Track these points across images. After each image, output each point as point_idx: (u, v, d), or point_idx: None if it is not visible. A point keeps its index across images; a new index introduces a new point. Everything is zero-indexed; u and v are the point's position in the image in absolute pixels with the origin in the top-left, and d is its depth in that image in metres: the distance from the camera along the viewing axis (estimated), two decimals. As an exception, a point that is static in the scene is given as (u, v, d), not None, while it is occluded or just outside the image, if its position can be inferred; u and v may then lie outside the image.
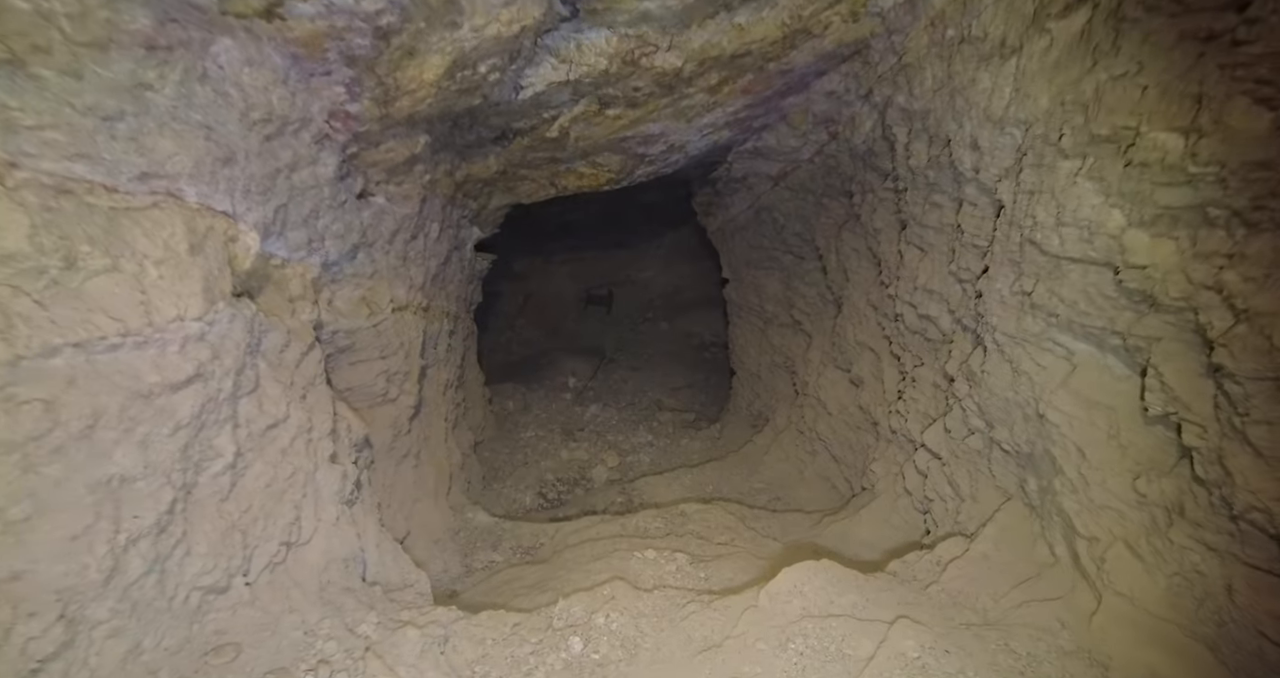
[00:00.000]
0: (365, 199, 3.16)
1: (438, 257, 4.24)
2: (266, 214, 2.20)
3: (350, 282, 3.16)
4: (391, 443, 3.64)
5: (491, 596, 3.20)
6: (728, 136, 4.38)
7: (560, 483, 5.59)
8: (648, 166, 4.59)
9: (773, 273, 5.83)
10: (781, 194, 5.17)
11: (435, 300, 4.42)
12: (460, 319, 5.30)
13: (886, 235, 3.75)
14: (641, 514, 4.04)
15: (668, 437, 6.49)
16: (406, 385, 3.76)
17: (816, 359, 4.92)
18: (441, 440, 4.50)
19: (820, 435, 4.73)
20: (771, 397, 5.85)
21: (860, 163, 3.99)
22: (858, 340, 4.24)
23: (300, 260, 2.59)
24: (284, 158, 2.24)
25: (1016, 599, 2.14)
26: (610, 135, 4.01)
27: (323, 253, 2.74)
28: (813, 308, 5.21)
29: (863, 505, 3.72)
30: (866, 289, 4.15)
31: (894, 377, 3.76)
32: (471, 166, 4.27)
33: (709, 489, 5.00)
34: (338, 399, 2.93)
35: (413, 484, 3.83)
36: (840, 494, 4.48)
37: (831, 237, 4.64)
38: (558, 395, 7.60)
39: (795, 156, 4.66)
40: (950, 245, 2.95)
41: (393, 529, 3.43)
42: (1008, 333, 2.48)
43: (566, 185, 4.82)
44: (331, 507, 2.51)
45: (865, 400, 4.14)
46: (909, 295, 3.39)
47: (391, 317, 3.51)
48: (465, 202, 4.66)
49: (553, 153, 4.26)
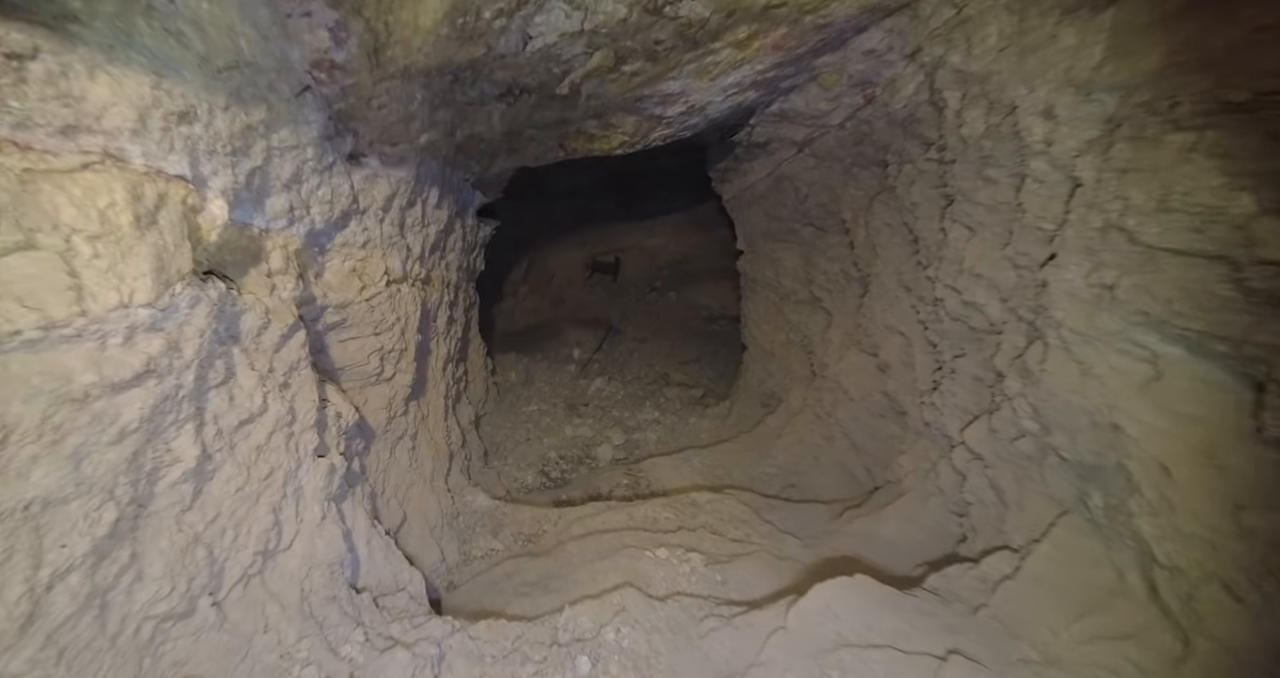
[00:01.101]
0: (356, 162, 2.84)
1: (437, 224, 3.92)
2: (237, 179, 1.89)
3: (340, 252, 2.87)
4: (387, 425, 3.39)
5: (490, 593, 2.99)
6: (753, 98, 4.01)
7: (563, 461, 5.38)
8: (664, 130, 4.24)
9: (791, 246, 5.51)
10: (806, 162, 4.82)
11: (435, 271, 4.13)
12: (461, 289, 5.01)
13: (926, 211, 3.43)
14: (650, 503, 3.82)
15: (675, 414, 6.25)
16: (403, 363, 3.50)
17: (837, 340, 4.64)
18: (440, 419, 4.26)
19: (839, 421, 4.48)
20: (785, 376, 5.59)
21: (899, 130, 3.64)
22: (886, 323, 3.95)
23: (281, 230, 2.29)
24: (258, 114, 1.93)
25: (1081, 634, 1.91)
26: (625, 94, 3.65)
27: (307, 222, 2.44)
28: (834, 285, 4.91)
29: (888, 502, 3.49)
30: (899, 268, 3.85)
31: (928, 365, 3.48)
32: (474, 127, 3.92)
33: (719, 473, 4.78)
34: (326, 383, 2.66)
35: (409, 468, 3.60)
36: (859, 484, 4.25)
37: (860, 210, 4.31)
38: (561, 368, 7.35)
39: (824, 122, 4.30)
40: (1007, 226, 2.64)
41: (387, 519, 3.21)
42: (1076, 329, 2.19)
43: (576, 148, 4.47)
44: (316, 506, 2.27)
45: (892, 388, 3.88)
46: (952, 279, 3.09)
47: (386, 290, 3.22)
48: (467, 164, 4.32)
49: (562, 113, 3.91)
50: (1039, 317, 2.38)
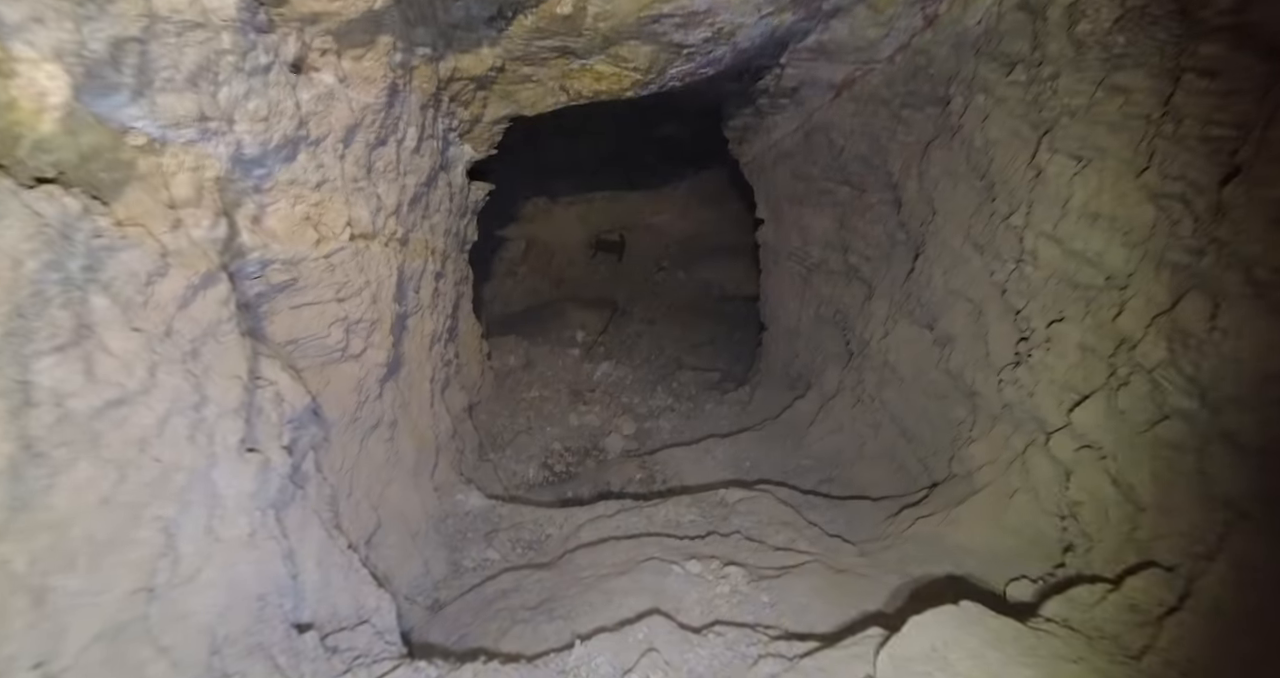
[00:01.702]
0: (305, 75, 2.24)
1: (417, 173, 3.32)
2: (91, 44, 1.29)
3: (287, 192, 2.27)
4: (355, 412, 2.80)
5: (482, 617, 2.41)
6: (790, 22, 3.39)
7: (568, 453, 4.80)
8: (684, 63, 3.62)
9: (823, 209, 4.89)
10: (844, 108, 4.20)
11: (416, 232, 3.52)
12: (451, 259, 4.40)
13: (1008, 149, 2.82)
14: (671, 503, 3.23)
15: (690, 400, 5.66)
16: (375, 337, 2.90)
17: (881, 312, 4.04)
18: (426, 405, 3.67)
19: (886, 404, 3.89)
20: (816, 356, 4.99)
21: (970, 54, 3.03)
22: (949, 289, 3.35)
23: (188, 145, 1.69)
24: (121, -49, 1.32)
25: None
26: (641, 11, 3.03)
27: (230, 140, 1.84)
28: (876, 250, 4.30)
29: (958, 500, 2.90)
30: (966, 224, 3.24)
31: (1008, 335, 2.89)
32: (460, 58, 3.31)
33: (745, 466, 4.20)
34: (267, 357, 2.08)
35: (385, 462, 3.02)
36: (911, 478, 3.66)
37: (913, 159, 3.70)
38: (564, 351, 6.75)
39: (870, 55, 3.68)
40: (1147, 143, 2.03)
41: (354, 525, 2.63)
42: (1279, 270, 1.60)
43: (580, 90, 3.85)
44: (242, 517, 1.68)
45: (957, 364, 3.28)
46: (1051, 225, 2.49)
47: (351, 246, 2.62)
48: (453, 109, 3.71)
49: (564, 40, 3.29)
50: (1211, 256, 1.79)
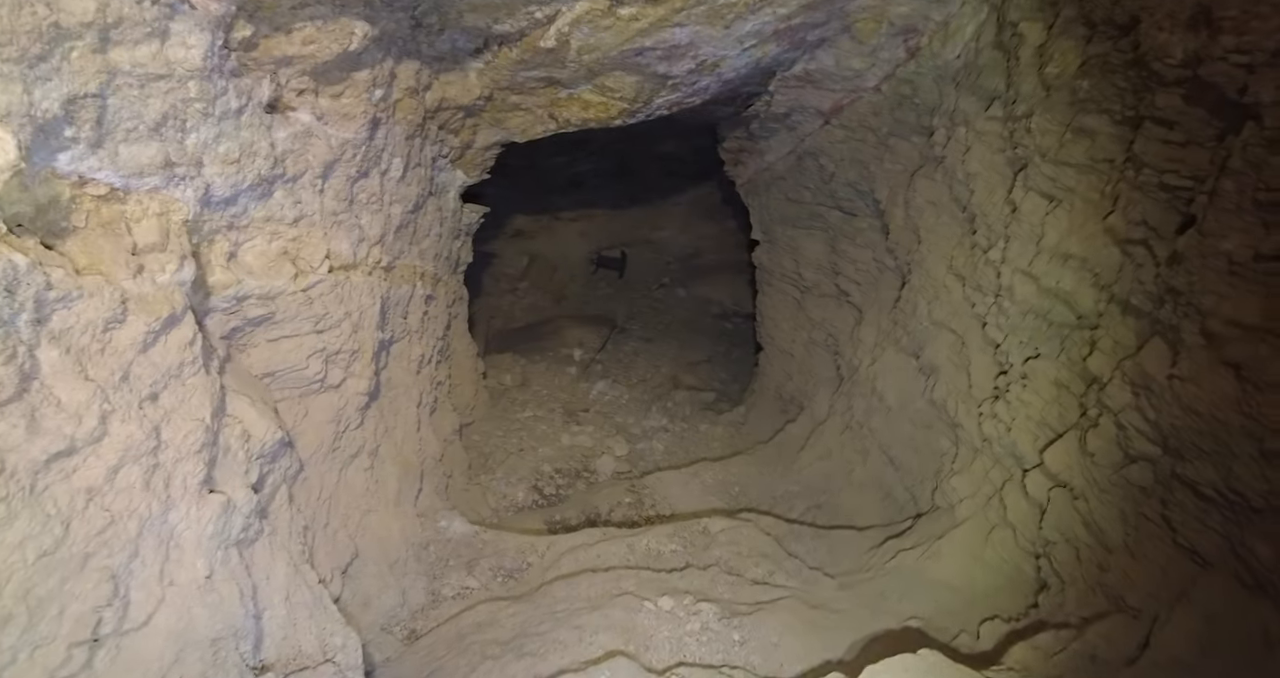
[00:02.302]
0: (280, 114, 2.27)
1: (403, 202, 3.35)
2: (39, 104, 1.32)
3: (263, 229, 2.30)
4: (334, 442, 2.82)
5: (454, 652, 2.41)
6: (774, 53, 3.41)
7: (559, 475, 4.79)
8: (670, 93, 3.64)
9: (814, 233, 4.90)
10: (833, 134, 4.21)
11: (403, 259, 3.55)
12: (442, 282, 4.43)
13: (987, 182, 2.82)
14: (654, 532, 3.22)
15: (684, 420, 5.65)
16: (355, 366, 2.92)
17: (870, 339, 4.03)
18: (412, 430, 3.68)
19: (874, 432, 3.87)
20: (808, 379, 4.98)
21: (952, 86, 3.03)
22: (933, 319, 3.34)
23: (153, 192, 1.72)
24: (79, 10, 1.35)
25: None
26: (623, 45, 3.06)
27: (198, 183, 1.87)
28: (865, 276, 4.30)
29: (940, 533, 2.88)
30: (948, 254, 3.23)
31: (988, 368, 2.87)
32: (446, 87, 3.35)
33: (734, 491, 4.18)
34: (235, 392, 2.10)
35: (364, 491, 3.03)
36: (899, 506, 3.64)
37: (899, 187, 3.70)
38: (561, 369, 6.76)
39: (856, 84, 3.69)
40: (1112, 187, 2.02)
41: (329, 556, 2.64)
42: (1238, 320, 1.59)
43: (569, 118, 3.88)
44: (199, 561, 1.70)
45: (941, 395, 3.26)
46: (1025, 262, 2.49)
47: (330, 278, 2.65)
48: (442, 136, 3.75)
49: (550, 71, 3.33)
50: (1168, 304, 1.77)
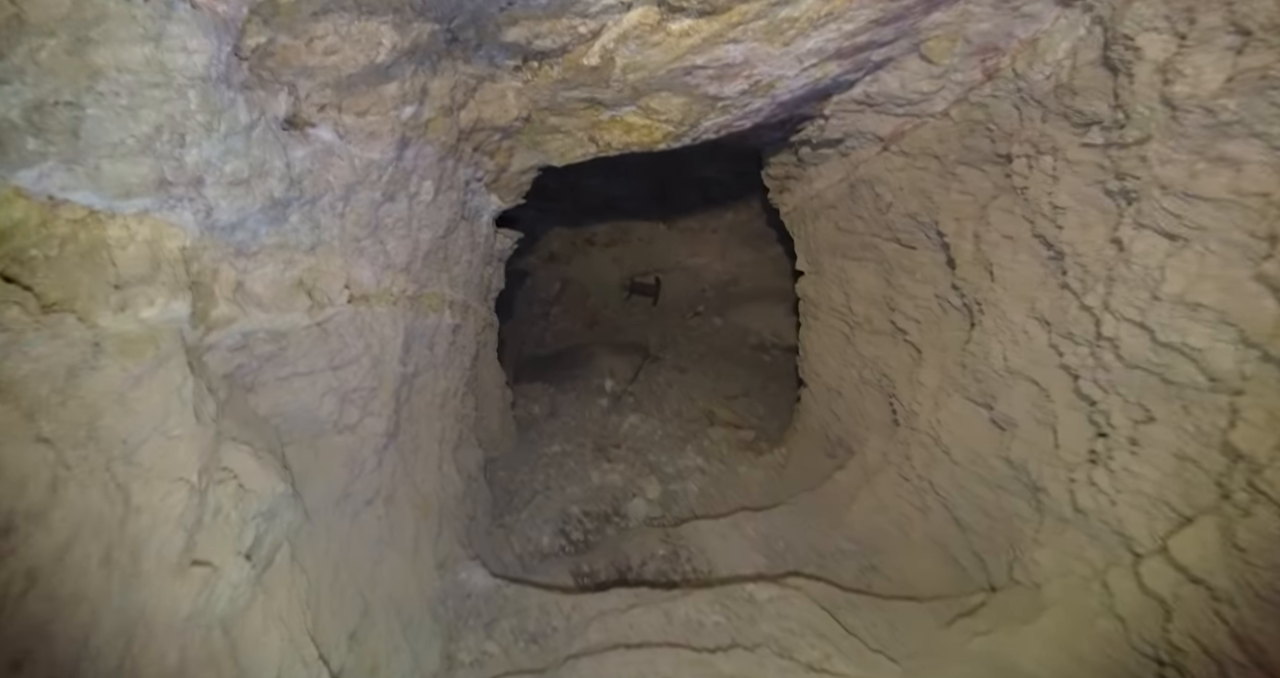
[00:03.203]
0: (299, 131, 2.07)
1: (433, 228, 3.14)
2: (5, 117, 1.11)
3: (275, 255, 2.08)
4: (347, 488, 2.57)
5: (466, 740, 2.11)
6: (834, 74, 3.14)
7: (587, 518, 4.50)
8: (719, 116, 3.39)
9: (867, 265, 4.58)
10: (891, 162, 3.92)
11: (430, 286, 3.33)
12: (471, 310, 4.22)
13: (1081, 217, 2.49)
14: (693, 598, 2.90)
15: (721, 461, 5.32)
16: (374, 405, 2.69)
17: (932, 382, 3.68)
18: (434, 469, 3.43)
19: (936, 487, 3.51)
20: (857, 422, 4.62)
21: (1038, 110, 2.73)
22: (1010, 367, 2.99)
23: (140, 214, 1.50)
24: (49, 2, 1.14)
25: None
26: (672, 63, 2.83)
27: (199, 206, 1.65)
28: (925, 313, 3.96)
29: (1024, 617, 2.51)
30: (1029, 294, 2.90)
31: (1080, 428, 2.52)
32: (483, 107, 3.15)
33: (779, 546, 3.83)
34: (233, 441, 1.86)
35: (378, 540, 2.77)
36: (964, 573, 3.26)
37: (968, 219, 3.38)
38: (592, 400, 6.50)
39: (922, 108, 3.41)
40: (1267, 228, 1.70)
41: (337, 618, 2.37)
42: None
43: (610, 142, 3.65)
44: (170, 649, 1.44)
45: (1019, 454, 2.90)
46: (1137, 310, 2.15)
47: (349, 309, 2.43)
48: (477, 159, 3.55)
49: (592, 91, 3.11)
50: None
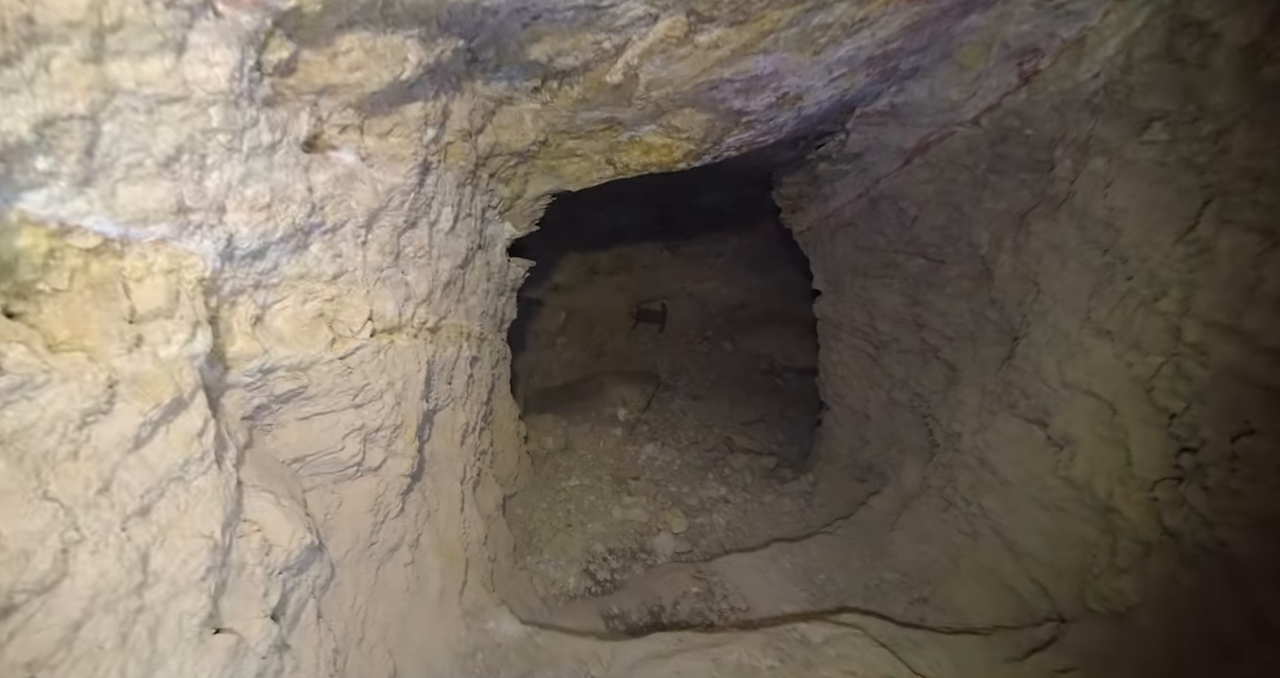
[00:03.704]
0: (320, 154, 1.93)
1: (452, 256, 3.00)
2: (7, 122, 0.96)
3: (296, 287, 1.93)
4: (371, 536, 2.38)
5: None
6: (861, 85, 3.06)
7: (613, 556, 4.28)
8: (743, 131, 3.30)
9: (890, 283, 4.46)
10: (915, 175, 3.82)
11: (450, 317, 3.18)
12: (487, 341, 4.05)
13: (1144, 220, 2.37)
14: (743, 642, 2.68)
15: (745, 490, 5.12)
16: (398, 444, 2.50)
17: (973, 402, 3.52)
18: (456, 511, 3.23)
19: (986, 512, 3.32)
20: (889, 446, 4.45)
21: (1084, 112, 2.63)
22: (1066, 381, 2.84)
23: (158, 243, 1.35)
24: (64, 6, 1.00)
25: None
26: (699, 77, 2.73)
27: (219, 234, 1.50)
28: (959, 330, 3.82)
29: (1112, 653, 2.31)
30: (1082, 305, 2.76)
31: (1160, 443, 2.36)
32: (500, 131, 3.03)
33: (820, 579, 3.63)
34: (256, 489, 1.68)
35: (405, 591, 2.57)
36: (1024, 602, 3.06)
37: (1004, 231, 3.26)
38: (606, 431, 6.29)
39: (950, 117, 3.31)
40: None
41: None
42: None
43: (629, 163, 3.55)
44: (193, 736, 1.25)
45: (1083, 473, 2.73)
46: (1228, 314, 2.01)
47: (372, 343, 2.26)
48: (493, 186, 3.43)
49: (613, 111, 3.01)
50: None
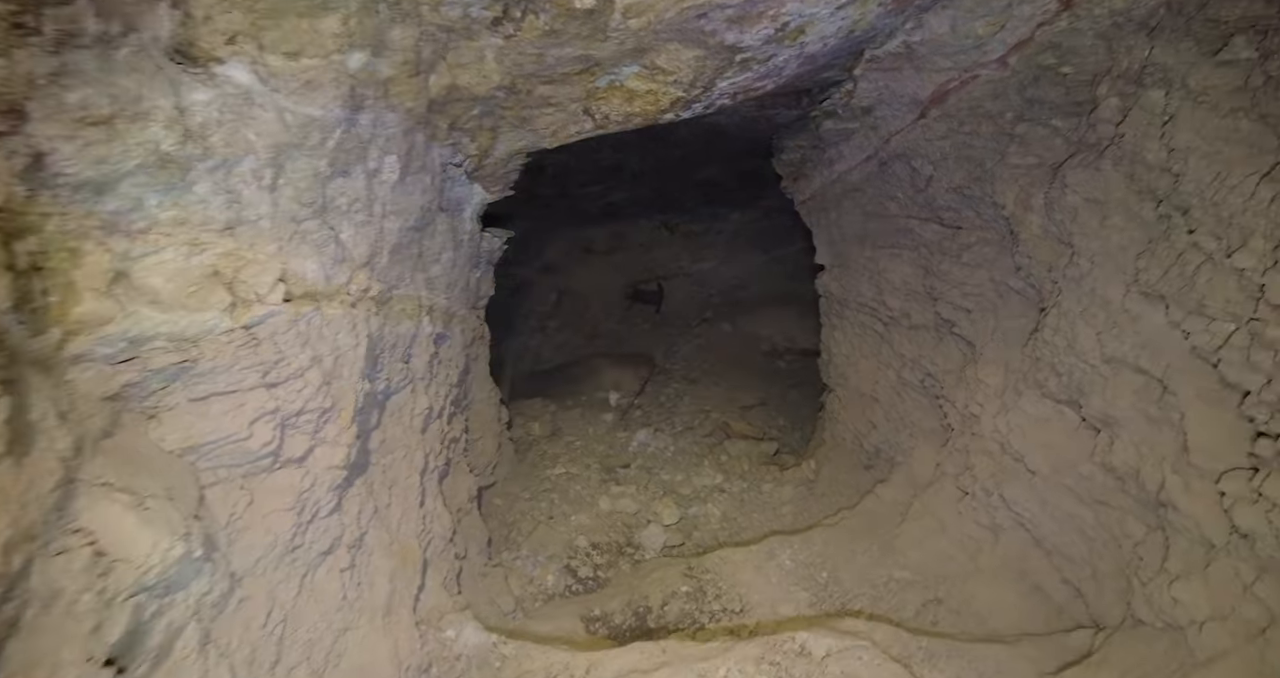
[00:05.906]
0: (200, 67, 1.55)
1: (402, 216, 2.62)
2: None
3: (174, 236, 1.55)
4: (294, 538, 2.02)
5: None
6: (873, 16, 2.65)
7: (596, 551, 3.94)
8: (738, 73, 2.89)
9: (901, 253, 4.07)
10: (932, 129, 3.42)
11: (403, 287, 2.80)
12: (458, 318, 3.68)
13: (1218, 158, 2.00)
14: (735, 655, 2.33)
15: (742, 478, 4.77)
16: (328, 430, 2.14)
17: (995, 381, 3.15)
18: (414, 505, 2.88)
19: (1010, 503, 2.96)
20: (899, 429, 4.08)
21: (1140, 35, 2.23)
22: (1106, 355, 2.46)
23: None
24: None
25: None
26: (683, 3, 2.33)
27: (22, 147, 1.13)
28: (978, 301, 3.44)
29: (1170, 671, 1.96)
30: (1131, 265, 2.38)
31: (1228, 426, 1.98)
32: (457, 72, 2.63)
33: (822, 578, 3.28)
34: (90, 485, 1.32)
35: (339, 601, 2.21)
36: (1055, 605, 2.71)
37: (1034, 186, 2.87)
38: (596, 416, 5.95)
39: (974, 58, 2.91)
40: None
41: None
42: None
43: (609, 113, 3.14)
44: None
45: (1127, 460, 2.36)
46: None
47: (287, 310, 1.89)
48: (455, 138, 3.03)
49: (587, 48, 2.60)
50: None
